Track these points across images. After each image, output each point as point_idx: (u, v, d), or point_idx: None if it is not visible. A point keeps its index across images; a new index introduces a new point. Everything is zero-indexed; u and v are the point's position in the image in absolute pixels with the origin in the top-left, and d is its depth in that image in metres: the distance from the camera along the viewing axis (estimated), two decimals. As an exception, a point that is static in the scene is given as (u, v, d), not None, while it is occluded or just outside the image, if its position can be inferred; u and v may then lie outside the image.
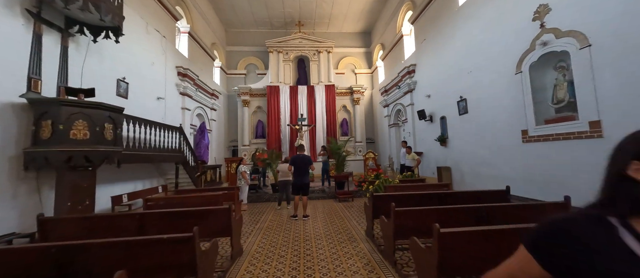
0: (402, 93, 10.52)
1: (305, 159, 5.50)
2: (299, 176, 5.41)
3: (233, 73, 14.76)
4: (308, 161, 5.49)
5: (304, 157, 5.53)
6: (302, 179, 5.40)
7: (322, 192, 7.87)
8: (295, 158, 5.55)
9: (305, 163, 5.45)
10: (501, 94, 5.53)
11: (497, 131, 5.66)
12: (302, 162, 5.43)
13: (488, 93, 5.92)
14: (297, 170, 5.41)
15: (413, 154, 7.59)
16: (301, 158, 5.49)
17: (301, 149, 5.71)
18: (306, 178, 5.45)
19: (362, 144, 13.95)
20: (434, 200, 3.69)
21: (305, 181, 5.41)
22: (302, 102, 13.60)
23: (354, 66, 15.58)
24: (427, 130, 8.83)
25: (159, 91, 7.61)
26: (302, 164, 5.42)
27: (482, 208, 2.82)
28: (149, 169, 7.05)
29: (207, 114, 11.31)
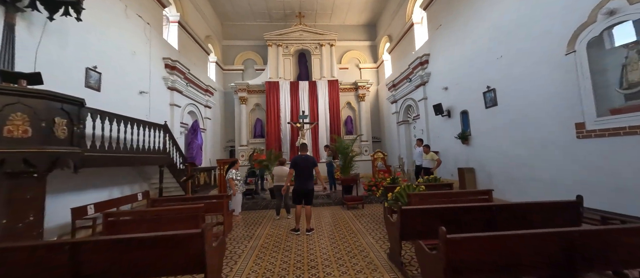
0: (413, 87, 9.58)
1: (309, 161, 4.55)
2: (301, 180, 4.49)
3: (230, 69, 13.87)
4: (312, 163, 4.57)
5: (307, 158, 4.58)
6: (304, 184, 4.47)
7: (327, 197, 6.95)
8: (297, 159, 4.59)
9: (309, 165, 4.51)
10: (544, 80, 4.58)
11: (539, 126, 4.72)
12: (304, 164, 4.49)
13: (525, 81, 4.98)
14: (299, 174, 4.50)
15: (432, 154, 6.65)
16: (303, 159, 4.54)
17: (303, 148, 4.81)
18: (310, 183, 4.52)
19: (368, 143, 13.02)
20: (479, 216, 2.77)
21: (308, 187, 4.50)
22: (304, 99, 12.69)
23: (359, 60, 14.66)
24: (443, 126, 7.89)
25: (142, 85, 6.73)
26: (304, 167, 4.49)
27: (572, 234, 1.90)
28: (130, 173, 6.17)
29: (201, 112, 10.43)
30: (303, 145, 4.87)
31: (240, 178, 5.79)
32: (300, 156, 4.61)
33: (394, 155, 11.50)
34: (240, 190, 5.71)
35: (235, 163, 5.79)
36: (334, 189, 7.78)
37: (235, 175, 5.63)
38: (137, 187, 6.35)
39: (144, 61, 6.85)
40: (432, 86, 8.58)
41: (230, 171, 5.60)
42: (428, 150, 6.73)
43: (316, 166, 4.59)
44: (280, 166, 5.58)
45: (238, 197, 5.52)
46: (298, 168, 4.51)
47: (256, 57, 14.11)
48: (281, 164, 5.59)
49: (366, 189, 6.85)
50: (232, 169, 5.66)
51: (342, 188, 6.56)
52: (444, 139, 7.80)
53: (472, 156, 6.68)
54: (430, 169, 6.49)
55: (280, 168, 5.52)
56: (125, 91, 6.10)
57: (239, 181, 5.70)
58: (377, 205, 6.50)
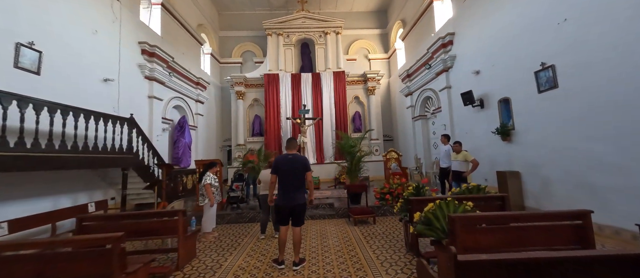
0: (433, 75, 8.10)
1: (297, 163, 3.19)
2: (285, 191, 3.15)
3: (227, 62, 12.80)
4: (301, 166, 3.19)
5: (295, 159, 3.21)
6: (290, 197, 3.13)
7: (329, 208, 5.63)
8: (280, 160, 3.24)
9: (296, 169, 3.16)
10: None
11: (632, 111, 3.22)
12: (289, 167, 3.16)
13: (605, 48, 3.49)
14: (283, 181, 3.16)
15: (465, 154, 5.16)
16: (289, 160, 3.19)
17: (291, 145, 3.39)
18: (298, 194, 3.16)
19: (379, 142, 11.59)
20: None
21: (296, 201, 3.14)
22: (306, 92, 11.42)
23: (368, 50, 13.25)
24: (474, 120, 6.40)
25: (107, 71, 5.64)
26: (290, 171, 3.15)
27: None
28: (91, 177, 5.09)
29: (190, 107, 9.34)
30: (290, 141, 3.46)
31: (217, 183, 4.54)
32: (285, 156, 3.26)
33: (409, 155, 10.02)
34: (217, 200, 4.46)
35: (213, 166, 4.56)
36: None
37: (213, 180, 4.39)
38: (100, 194, 5.26)
39: (110, 42, 5.77)
40: (458, 72, 7.08)
41: (207, 176, 4.36)
42: (459, 148, 5.25)
43: (308, 171, 3.25)
44: (268, 170, 4.30)
45: (211, 211, 4.29)
46: (281, 174, 3.17)
47: (255, 49, 12.97)
48: (270, 167, 4.30)
49: (378, 197, 5.48)
50: (209, 172, 4.42)
51: (348, 196, 5.21)
52: (476, 136, 6.31)
53: (516, 155, 5.18)
54: (462, 173, 5.03)
55: (267, 173, 4.24)
56: (81, 77, 5.01)
57: (216, 189, 4.47)
58: (391, 218, 5.13)
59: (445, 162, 5.58)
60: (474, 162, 5.01)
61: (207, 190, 4.24)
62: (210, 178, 4.34)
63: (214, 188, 4.39)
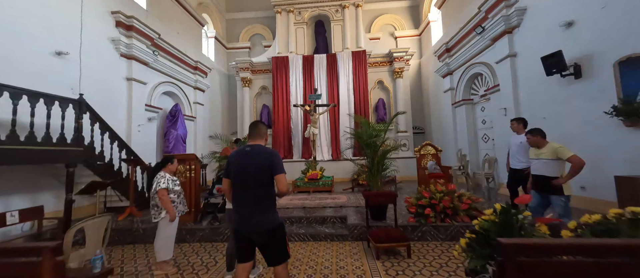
0: (488, 42, 5.97)
1: (255, 159, 1.87)
2: (239, 206, 1.86)
3: (234, 47, 11.58)
4: (264, 164, 1.85)
5: (254, 152, 1.90)
6: (247, 216, 1.82)
7: (340, 222, 3.99)
8: (233, 156, 1.96)
9: (256, 170, 1.84)
10: None
11: None
12: (244, 166, 1.87)
13: None
14: (236, 190, 1.90)
15: (556, 147, 3.00)
16: (245, 155, 1.90)
17: (253, 132, 2.03)
18: (261, 213, 1.81)
19: (407, 135, 9.59)
20: None
21: (258, 225, 1.80)
22: (320, 77, 9.77)
23: (394, 26, 11.17)
24: (561, 97, 4.28)
25: (61, 42, 4.51)
26: (244, 173, 1.86)
27: None
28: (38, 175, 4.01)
29: (187, 94, 8.20)
30: (253, 126, 2.06)
31: (179, 187, 3.10)
32: (242, 149, 1.94)
33: (448, 152, 7.93)
34: (181, 212, 3.03)
35: (168, 162, 3.13)
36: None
37: (170, 183, 2.97)
38: (50, 198, 4.17)
39: (66, 7, 4.63)
40: (530, 31, 4.92)
41: (161, 177, 2.95)
42: (540, 140, 3.18)
43: (278, 173, 1.85)
44: None
45: (170, 229, 2.87)
46: (234, 177, 1.91)
47: (265, 32, 11.58)
48: None
49: (413, 212, 3.69)
50: (163, 172, 3.02)
51: (367, 208, 3.47)
52: (564, 121, 4.19)
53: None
54: (554, 180, 3.00)
55: None
56: (19, 46, 3.89)
57: (179, 195, 3.04)
58: (434, 244, 3.35)
59: (521, 160, 3.59)
60: (575, 161, 2.90)
61: (162, 198, 2.82)
62: (165, 181, 2.90)
63: (174, 194, 2.98)
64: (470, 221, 3.49)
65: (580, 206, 3.97)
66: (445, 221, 3.51)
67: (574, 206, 3.98)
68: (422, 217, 3.57)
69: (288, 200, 5.47)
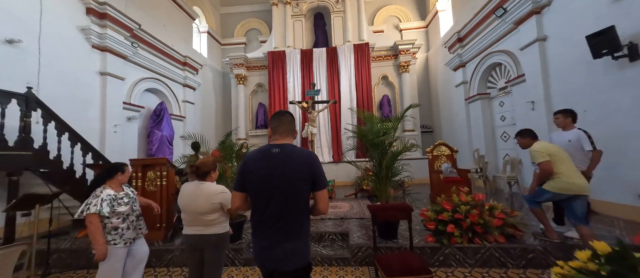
0: (511, 25, 5.20)
1: (291, 166, 1.29)
2: (263, 233, 1.30)
3: (229, 43, 10.93)
4: (303, 173, 1.29)
5: (287, 156, 1.32)
6: (273, 246, 1.28)
7: (341, 241, 3.27)
8: (251, 159, 1.36)
9: (290, 181, 1.28)
10: None
11: None
12: (271, 174, 1.30)
13: None
14: (258, 208, 1.32)
15: (533, 151, 2.62)
16: (272, 158, 1.32)
17: (281, 124, 1.41)
18: (293, 243, 1.28)
19: (415, 134, 8.83)
20: None
21: (287, 262, 1.27)
22: (320, 72, 9.07)
23: (399, 18, 10.43)
24: (608, 86, 3.50)
25: (13, 28, 3.87)
26: (272, 184, 1.29)
27: None
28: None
29: (174, 92, 7.55)
30: (279, 116, 1.42)
31: (127, 208, 2.20)
32: (266, 151, 1.36)
33: (461, 152, 7.13)
34: (128, 238, 2.16)
35: (117, 171, 2.36)
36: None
37: (106, 205, 2.04)
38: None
39: (21, -12, 3.99)
40: (565, 7, 4.15)
41: (95, 196, 2.05)
42: (533, 141, 2.71)
43: (320, 189, 1.33)
44: (193, 185, 1.95)
45: (109, 265, 2.07)
46: (253, 190, 1.33)
47: (261, 26, 10.92)
48: (195, 176, 1.97)
49: (431, 229, 2.93)
50: (102, 188, 2.12)
51: (374, 226, 2.72)
52: (620, 114, 3.40)
53: None
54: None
55: (192, 189, 1.91)
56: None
57: (127, 218, 2.20)
58: (461, 272, 2.61)
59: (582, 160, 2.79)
60: (541, 167, 2.51)
61: (89, 227, 1.96)
62: (98, 202, 2.00)
63: (118, 218, 2.05)
64: (505, 242, 2.75)
65: (638, 220, 3.19)
66: (474, 242, 2.76)
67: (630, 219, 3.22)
68: (444, 236, 2.82)
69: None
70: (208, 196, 1.80)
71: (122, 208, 2.11)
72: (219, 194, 1.83)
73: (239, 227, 3.22)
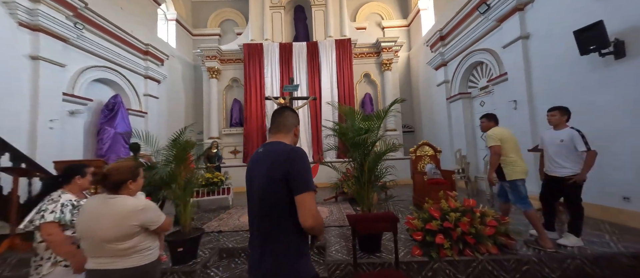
0: (493, 22, 5.08)
1: (264, 166, 1.11)
2: (250, 242, 1.15)
3: (202, 34, 10.07)
4: (274, 175, 1.07)
5: (264, 155, 1.15)
6: (256, 262, 1.08)
7: (317, 255, 2.83)
8: (249, 164, 1.21)
9: (262, 184, 1.10)
10: None
11: None
12: (250, 179, 1.18)
13: None
14: (248, 216, 1.17)
15: (487, 136, 2.87)
16: (255, 160, 1.18)
17: (277, 121, 1.25)
18: (278, 260, 1.05)
19: (397, 133, 8.66)
20: None
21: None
22: (300, 68, 8.59)
23: (381, 15, 10.23)
24: (594, 84, 3.40)
25: None
26: (252, 191, 1.16)
27: None
28: None
29: (133, 84, 6.67)
30: (278, 114, 1.26)
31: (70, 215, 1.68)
32: (256, 152, 1.21)
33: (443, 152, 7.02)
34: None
35: (76, 174, 1.82)
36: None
37: (69, 212, 1.62)
38: None
39: None
40: (548, 3, 4.04)
41: (51, 202, 1.62)
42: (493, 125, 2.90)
43: (301, 191, 1.05)
44: (99, 197, 1.35)
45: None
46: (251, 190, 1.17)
47: (237, 17, 10.19)
48: (114, 186, 1.42)
49: (418, 240, 2.58)
50: (60, 192, 1.70)
51: (355, 239, 2.29)
52: (606, 113, 3.29)
53: None
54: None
55: (97, 204, 1.31)
56: None
57: None
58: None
59: (564, 165, 2.60)
60: (491, 151, 2.82)
61: (49, 240, 1.55)
62: (57, 209, 1.61)
63: (68, 225, 1.62)
64: (498, 253, 2.47)
65: (625, 223, 3.10)
66: (465, 254, 2.45)
67: (616, 222, 3.12)
68: (433, 248, 2.48)
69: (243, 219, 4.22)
70: (119, 216, 1.26)
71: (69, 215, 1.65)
72: (138, 212, 1.30)
73: (194, 242, 2.65)
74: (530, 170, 4.37)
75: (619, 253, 2.42)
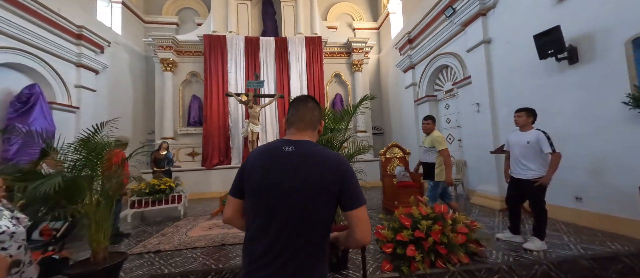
0: (458, 27, 5.17)
1: (305, 169, 0.90)
2: (260, 256, 0.86)
3: (155, 22, 8.96)
4: (325, 182, 0.88)
5: (299, 155, 0.92)
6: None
7: None
8: (255, 161, 0.95)
9: (305, 191, 0.87)
10: None
11: None
12: (277, 181, 0.89)
13: None
14: (257, 223, 0.90)
15: (437, 138, 3.24)
16: (278, 158, 0.92)
17: (301, 117, 1.02)
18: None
19: (367, 135, 8.59)
20: None
21: None
22: (268, 64, 8.06)
23: (352, 16, 10.16)
24: (551, 87, 3.52)
25: None
26: (279, 195, 0.88)
27: None
28: None
29: (59, 73, 5.53)
30: (298, 105, 1.02)
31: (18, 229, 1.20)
32: (275, 148, 0.96)
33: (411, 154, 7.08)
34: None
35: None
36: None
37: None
38: None
39: None
40: (509, 9, 4.17)
41: None
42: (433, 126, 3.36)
43: (359, 204, 0.89)
44: None
45: None
46: (253, 197, 0.93)
47: (198, 6, 9.29)
48: None
49: (389, 253, 2.31)
50: None
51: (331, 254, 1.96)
52: (562, 116, 3.40)
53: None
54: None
55: None
56: None
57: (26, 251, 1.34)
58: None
59: (530, 167, 2.55)
60: (443, 155, 3.13)
61: None
62: None
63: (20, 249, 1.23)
64: (469, 262, 2.31)
65: (578, 222, 3.22)
66: (437, 265, 2.24)
67: (570, 222, 3.23)
68: (404, 262, 2.23)
69: (201, 231, 3.63)
70: None
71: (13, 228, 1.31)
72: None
73: (109, 274, 2.04)
74: (492, 172, 4.52)
75: (580, 255, 2.42)
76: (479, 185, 4.86)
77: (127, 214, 4.46)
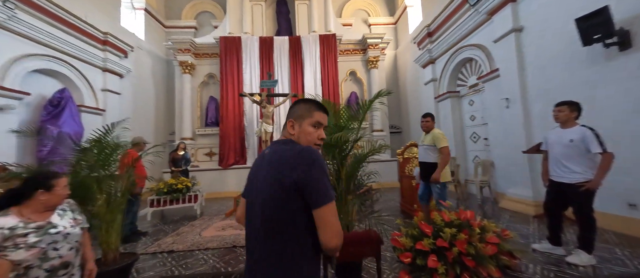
0: (484, 16, 4.76)
1: (268, 169, 0.89)
2: (247, 259, 0.90)
3: (176, 26, 9.29)
4: (283, 180, 0.83)
5: (271, 155, 0.92)
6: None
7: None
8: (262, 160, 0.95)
9: (265, 191, 0.87)
10: None
11: None
12: (252, 183, 0.96)
13: None
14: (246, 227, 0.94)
15: (439, 135, 3.08)
16: (259, 162, 0.97)
17: (296, 113, 0.99)
18: None
19: (384, 134, 8.28)
20: None
21: None
22: (281, 64, 8.03)
23: (367, 12, 9.88)
24: (595, 78, 3.08)
25: None
26: (252, 197, 0.93)
27: None
28: None
29: (88, 78, 5.86)
30: (297, 107, 1.00)
31: (26, 256, 1.15)
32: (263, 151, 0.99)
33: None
34: None
35: (38, 187, 1.26)
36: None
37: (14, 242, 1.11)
38: None
39: None
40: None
41: None
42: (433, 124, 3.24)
43: (321, 203, 0.82)
44: None
45: None
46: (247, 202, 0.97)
47: (215, 9, 9.50)
48: None
49: (408, 263, 2.11)
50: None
51: (329, 264, 1.79)
52: (608, 110, 2.97)
53: None
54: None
55: None
56: None
57: (27, 271, 1.16)
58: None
59: (574, 169, 2.22)
60: (444, 152, 2.96)
61: None
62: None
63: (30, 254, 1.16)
64: (502, 277, 2.03)
65: (630, 232, 2.78)
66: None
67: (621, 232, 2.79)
68: (425, 273, 2.01)
69: (215, 231, 3.62)
70: None
71: (20, 252, 1.14)
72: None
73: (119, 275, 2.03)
74: (525, 174, 4.10)
75: (638, 272, 2.05)
76: (509, 188, 4.43)
77: (147, 212, 4.60)
